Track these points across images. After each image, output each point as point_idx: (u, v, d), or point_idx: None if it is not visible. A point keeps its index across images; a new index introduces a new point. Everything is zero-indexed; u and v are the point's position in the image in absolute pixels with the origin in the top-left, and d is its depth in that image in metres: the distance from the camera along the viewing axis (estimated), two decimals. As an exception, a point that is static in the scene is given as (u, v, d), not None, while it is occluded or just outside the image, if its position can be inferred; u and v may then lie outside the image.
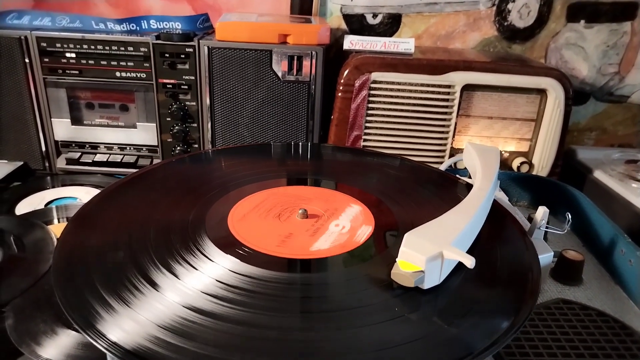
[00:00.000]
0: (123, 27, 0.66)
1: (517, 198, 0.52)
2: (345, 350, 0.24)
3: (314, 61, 0.62)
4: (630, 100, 0.85)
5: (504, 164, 0.69)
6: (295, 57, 0.62)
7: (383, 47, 0.65)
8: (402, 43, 0.65)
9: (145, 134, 0.68)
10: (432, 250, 0.27)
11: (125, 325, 0.25)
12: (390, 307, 0.27)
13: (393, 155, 0.52)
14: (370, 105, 0.63)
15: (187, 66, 0.63)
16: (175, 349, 0.23)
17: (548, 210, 0.36)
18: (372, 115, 0.64)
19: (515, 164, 0.68)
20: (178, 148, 0.68)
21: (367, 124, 0.64)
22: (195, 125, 0.67)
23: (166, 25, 0.67)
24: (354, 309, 0.27)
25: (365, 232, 0.34)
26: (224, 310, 0.26)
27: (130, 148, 0.69)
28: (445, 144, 0.66)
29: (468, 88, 0.63)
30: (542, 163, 0.67)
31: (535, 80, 0.63)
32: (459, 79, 0.62)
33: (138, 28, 0.67)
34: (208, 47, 0.62)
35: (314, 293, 0.28)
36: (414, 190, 0.42)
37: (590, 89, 0.84)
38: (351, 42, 0.65)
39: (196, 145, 0.68)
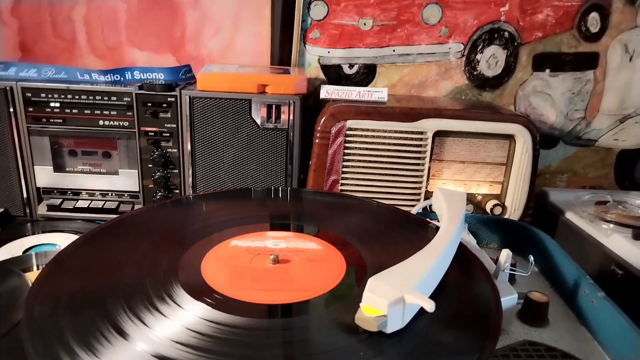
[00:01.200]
0: (107, 78, 0.68)
1: (487, 241, 0.53)
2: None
3: (291, 109, 0.65)
4: (597, 143, 0.89)
5: (478, 206, 0.71)
6: (274, 106, 0.64)
7: (358, 96, 0.68)
8: (376, 92, 0.68)
9: (127, 180, 0.69)
10: (394, 295, 0.28)
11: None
12: (356, 351, 0.28)
13: (367, 199, 0.53)
14: (346, 151, 0.65)
15: (169, 114, 0.65)
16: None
17: (511, 253, 0.38)
18: (348, 160, 0.66)
19: (488, 206, 0.70)
20: (159, 194, 0.69)
21: (344, 169, 0.66)
22: (176, 171, 0.68)
23: (149, 75, 0.70)
24: (321, 353, 0.28)
25: (335, 276, 0.35)
26: (191, 358, 0.27)
27: (112, 194, 0.70)
28: (419, 188, 0.68)
29: (440, 134, 0.66)
30: (515, 205, 0.70)
31: (503, 127, 0.66)
32: (430, 125, 0.65)
33: (122, 79, 0.69)
34: (190, 96, 0.64)
35: (281, 339, 0.29)
36: (384, 234, 0.43)
37: (559, 134, 0.88)
38: (327, 91, 0.68)
39: (177, 191, 0.69)
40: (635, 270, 0.60)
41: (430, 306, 0.27)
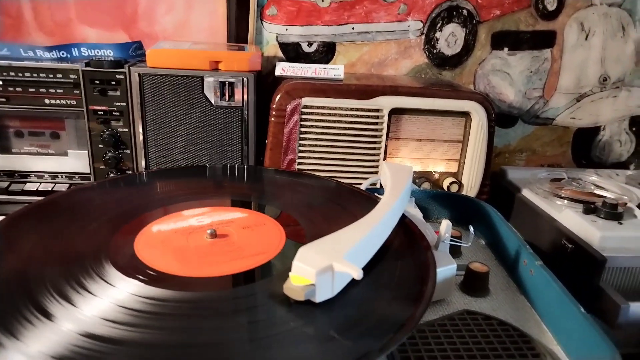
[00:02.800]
0: (53, 55, 0.65)
1: (437, 215, 0.53)
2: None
3: (245, 87, 0.63)
4: (555, 122, 0.90)
5: (435, 184, 0.71)
6: (227, 83, 0.63)
7: (314, 73, 0.67)
8: (332, 69, 0.67)
9: (77, 161, 0.67)
10: (322, 264, 0.28)
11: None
12: (286, 321, 0.27)
13: (316, 175, 0.53)
14: (302, 129, 0.65)
15: (118, 93, 0.63)
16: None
17: (451, 224, 0.38)
18: (304, 139, 0.65)
19: (445, 184, 0.71)
20: (111, 175, 0.67)
21: (301, 148, 0.65)
22: (128, 151, 0.66)
23: (98, 52, 0.67)
24: (251, 323, 0.27)
25: (273, 249, 0.34)
26: (123, 334, 0.26)
27: (61, 176, 0.68)
28: (377, 166, 0.67)
29: (396, 112, 0.66)
30: (471, 182, 0.70)
31: (458, 104, 0.66)
32: (386, 102, 0.65)
33: (69, 55, 0.66)
34: (139, 73, 0.62)
35: (209, 311, 0.28)
36: (329, 208, 0.42)
37: (518, 113, 0.89)
38: (282, 68, 0.67)
39: (130, 172, 0.67)
40: (584, 243, 0.61)
41: (357, 274, 0.27)
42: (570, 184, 0.78)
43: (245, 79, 0.63)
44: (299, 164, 0.66)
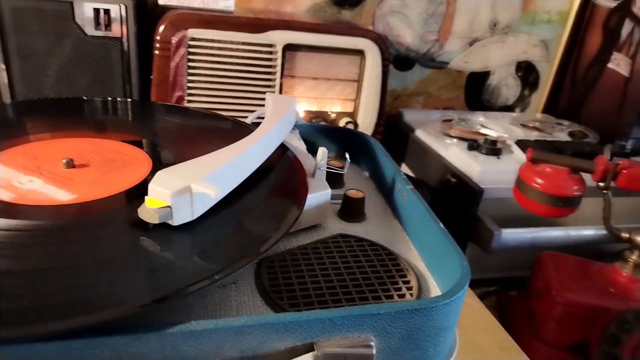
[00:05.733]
0: None
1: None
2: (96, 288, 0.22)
3: (124, 15, 0.58)
4: (450, 66, 0.93)
5: (332, 124, 0.71)
6: (102, 10, 0.57)
7: (201, 3, 0.63)
8: (222, 0, 0.63)
9: None
10: (179, 185, 0.26)
11: None
12: (137, 243, 0.26)
13: (199, 110, 0.50)
14: (190, 64, 0.61)
15: (-30, 17, 0.55)
16: None
17: (327, 151, 0.38)
18: (193, 74, 0.62)
19: (341, 123, 0.71)
20: (-29, 114, 0.59)
21: (190, 84, 0.62)
22: (-11, 87, 0.59)
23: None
24: (104, 247, 0.25)
25: (136, 177, 0.32)
26: None
27: None
28: (271, 104, 0.66)
29: (290, 48, 0.64)
30: (366, 122, 0.71)
31: (353, 41, 0.66)
32: (279, 38, 0.62)
33: None
34: (-6, -5, 0.54)
35: (61, 237, 0.26)
36: (209, 141, 0.41)
37: (415, 56, 0.91)
38: (167, -4, 0.62)
39: (-6, 111, 0.60)
40: (465, 176, 0.65)
41: (214, 193, 0.26)
42: (459, 124, 0.82)
43: (123, 6, 0.57)
44: (188, 101, 0.63)
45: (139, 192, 0.31)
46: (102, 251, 0.25)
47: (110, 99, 0.47)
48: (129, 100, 0.48)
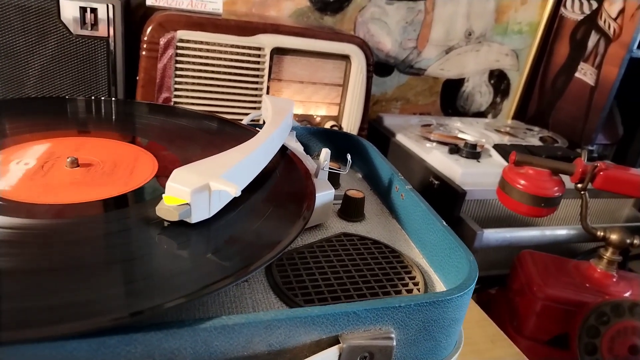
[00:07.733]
0: None
1: (319, 152, 0.54)
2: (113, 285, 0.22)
3: (111, 15, 0.57)
4: (427, 73, 0.96)
5: (317, 127, 0.72)
6: (88, 9, 0.56)
7: (190, 5, 0.62)
8: (210, 3, 0.63)
9: None
10: (198, 183, 0.26)
11: None
12: (157, 242, 0.26)
13: (195, 111, 0.50)
14: (178, 65, 0.60)
15: (-52, 13, 0.53)
16: None
17: (330, 152, 0.39)
18: (181, 76, 0.61)
19: (326, 127, 0.72)
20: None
21: (177, 86, 0.61)
22: (-34, 85, 0.56)
23: None
24: (119, 246, 0.25)
25: (144, 177, 0.32)
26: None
27: None
28: (258, 107, 0.66)
29: (278, 52, 0.65)
30: (350, 126, 0.73)
31: (339, 46, 0.67)
32: (267, 41, 0.63)
33: None
34: (-25, -9, 0.52)
35: (73, 237, 0.26)
36: (209, 142, 0.41)
37: (394, 62, 0.93)
38: (154, -3, 0.62)
39: (-29, 110, 0.58)
40: (447, 179, 0.68)
41: (235, 191, 0.26)
42: (438, 128, 0.85)
43: (110, 5, 0.56)
44: (175, 103, 0.62)
45: (151, 190, 0.31)
46: (131, 250, 0.25)
47: (113, 99, 0.46)
48: (128, 100, 0.47)
